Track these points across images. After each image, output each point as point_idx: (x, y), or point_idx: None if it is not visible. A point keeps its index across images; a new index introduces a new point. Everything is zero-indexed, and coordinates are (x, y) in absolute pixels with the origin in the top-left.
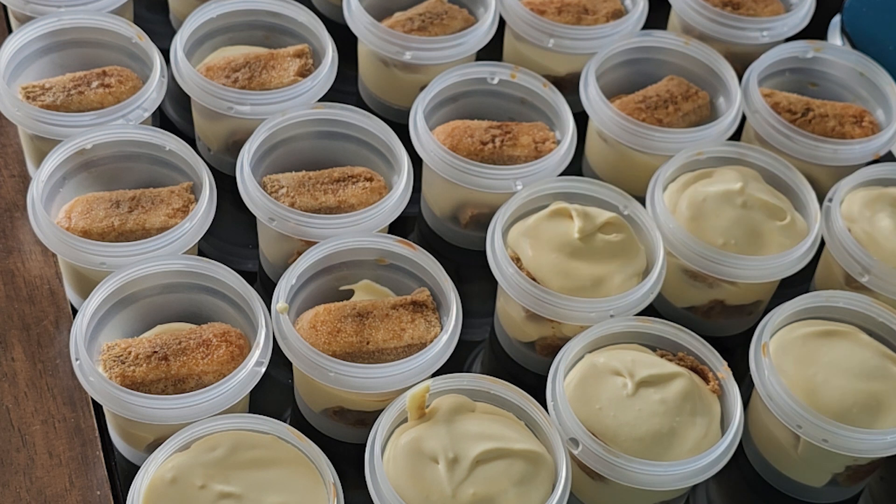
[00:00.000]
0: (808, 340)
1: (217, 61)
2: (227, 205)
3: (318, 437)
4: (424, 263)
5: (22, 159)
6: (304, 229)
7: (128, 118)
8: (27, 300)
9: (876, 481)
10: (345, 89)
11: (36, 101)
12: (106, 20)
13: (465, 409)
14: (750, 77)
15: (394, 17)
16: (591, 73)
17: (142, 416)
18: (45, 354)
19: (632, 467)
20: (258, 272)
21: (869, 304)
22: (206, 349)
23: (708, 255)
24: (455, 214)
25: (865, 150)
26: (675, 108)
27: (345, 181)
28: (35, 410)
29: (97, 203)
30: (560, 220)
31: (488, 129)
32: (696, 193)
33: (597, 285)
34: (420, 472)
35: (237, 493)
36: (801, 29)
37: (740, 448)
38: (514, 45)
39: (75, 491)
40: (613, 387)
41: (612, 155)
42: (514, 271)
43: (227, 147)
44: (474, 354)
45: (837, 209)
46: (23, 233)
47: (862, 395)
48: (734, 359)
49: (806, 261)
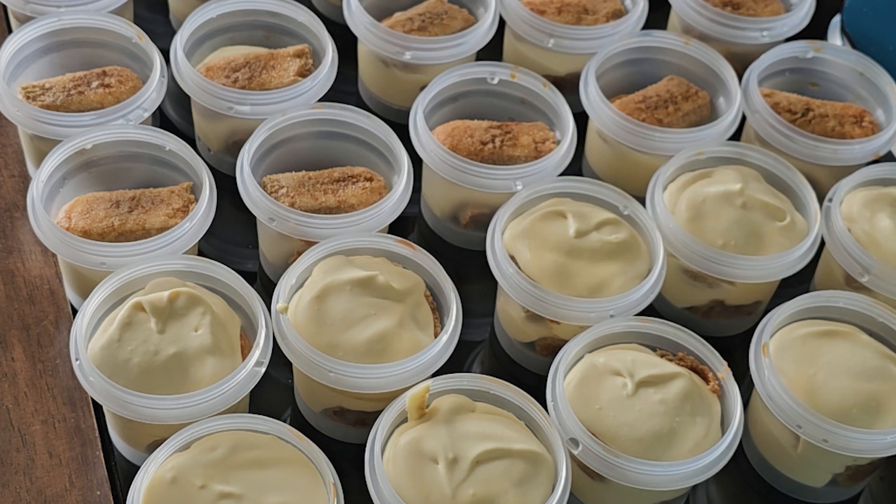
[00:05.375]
0: (808, 340)
1: (217, 61)
2: (227, 205)
3: (318, 437)
4: (424, 263)
5: (22, 159)
6: (304, 229)
7: (128, 118)
8: (27, 300)
9: (876, 481)
10: (345, 89)
11: (36, 101)
12: (106, 20)
13: (465, 410)
14: (750, 77)
15: (394, 17)
16: (591, 73)
17: (142, 416)
18: (45, 354)
19: (632, 467)
20: (258, 272)
21: (869, 304)
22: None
23: (708, 255)
24: (455, 214)
25: (865, 150)
26: (675, 108)
27: (345, 181)
28: (35, 410)
29: (97, 203)
30: (555, 221)
31: (488, 129)
32: (696, 194)
33: (597, 290)
34: (420, 472)
35: (237, 493)
36: (801, 29)
37: (740, 448)
38: (514, 45)
39: (75, 491)
40: (613, 387)
41: (612, 155)
42: (514, 271)
43: (227, 147)
44: (474, 354)
45: (837, 209)
46: (23, 233)
47: (862, 395)
48: (734, 359)
49: (806, 261)
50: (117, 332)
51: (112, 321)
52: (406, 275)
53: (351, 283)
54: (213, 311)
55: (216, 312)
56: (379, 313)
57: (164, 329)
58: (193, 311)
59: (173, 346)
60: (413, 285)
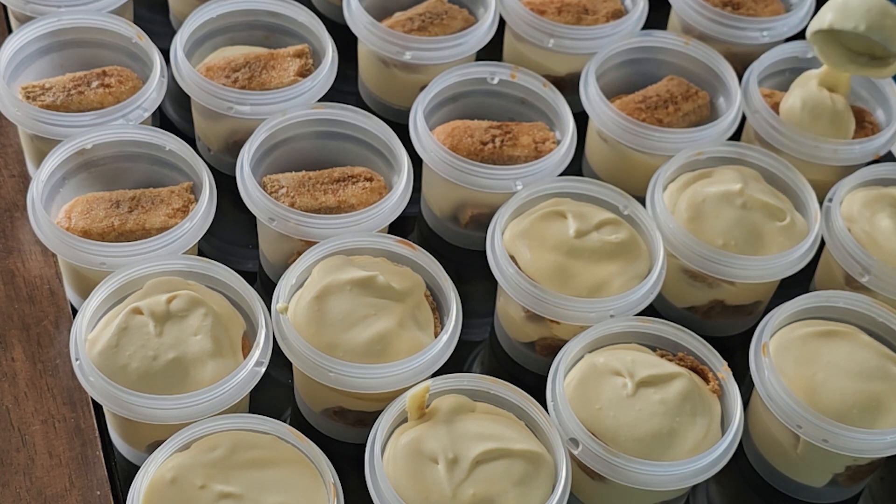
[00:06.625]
0: (808, 340)
1: (217, 61)
2: (227, 205)
3: (318, 437)
4: (424, 263)
5: (22, 159)
6: (304, 229)
7: (128, 118)
8: (27, 300)
9: (876, 481)
10: (345, 89)
11: (36, 101)
12: (106, 20)
13: (465, 410)
14: (750, 77)
15: (394, 17)
16: (591, 73)
17: (142, 416)
18: (45, 354)
19: (632, 467)
20: (258, 272)
21: (869, 304)
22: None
23: (708, 255)
24: (455, 214)
25: (865, 150)
26: (675, 108)
27: (345, 181)
28: (35, 410)
29: (97, 203)
30: (555, 221)
31: (488, 129)
32: (696, 194)
33: (597, 290)
34: (420, 472)
35: (237, 493)
36: (801, 29)
37: (740, 448)
38: (514, 45)
39: (75, 491)
40: (613, 387)
41: (612, 155)
42: (514, 271)
43: (227, 147)
44: (474, 354)
45: (837, 209)
46: (23, 233)
47: (862, 395)
48: (734, 359)
49: (806, 261)
50: (115, 336)
51: (110, 325)
52: (406, 275)
53: (351, 283)
54: (214, 313)
55: (218, 314)
56: (379, 313)
57: (163, 332)
58: (194, 313)
59: (172, 350)
60: (413, 285)
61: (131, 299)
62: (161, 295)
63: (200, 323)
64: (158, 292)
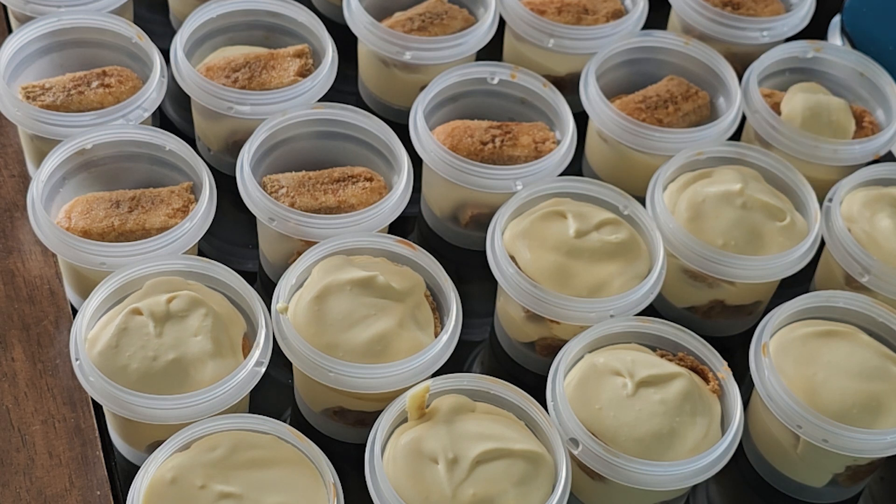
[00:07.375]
0: (808, 340)
1: (217, 61)
2: (227, 205)
3: (318, 437)
4: (424, 263)
5: (22, 159)
6: (304, 229)
7: (128, 118)
8: (27, 300)
9: (876, 481)
10: (345, 89)
11: (36, 101)
12: (106, 20)
13: (465, 410)
14: (750, 77)
15: (394, 17)
16: (591, 73)
17: (142, 417)
18: (45, 354)
19: (632, 467)
20: (258, 272)
21: (869, 304)
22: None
23: (708, 255)
24: (455, 214)
25: (865, 150)
26: (675, 108)
27: (345, 181)
28: (35, 410)
29: (97, 203)
30: (555, 221)
31: (488, 129)
32: (696, 194)
33: (597, 290)
34: (420, 472)
35: (237, 493)
36: (801, 29)
37: (740, 448)
38: (514, 45)
39: (75, 491)
40: (613, 387)
41: (612, 155)
42: (514, 271)
43: (227, 147)
44: (474, 354)
45: (837, 209)
46: (23, 233)
47: (862, 395)
48: (734, 359)
49: (806, 261)
50: (115, 337)
51: (110, 325)
52: (406, 275)
53: (351, 283)
54: (214, 313)
55: (218, 314)
56: (379, 313)
57: (163, 333)
58: (194, 313)
59: (172, 351)
60: (413, 285)
61: (131, 299)
62: (161, 295)
63: (200, 323)
64: (158, 292)
